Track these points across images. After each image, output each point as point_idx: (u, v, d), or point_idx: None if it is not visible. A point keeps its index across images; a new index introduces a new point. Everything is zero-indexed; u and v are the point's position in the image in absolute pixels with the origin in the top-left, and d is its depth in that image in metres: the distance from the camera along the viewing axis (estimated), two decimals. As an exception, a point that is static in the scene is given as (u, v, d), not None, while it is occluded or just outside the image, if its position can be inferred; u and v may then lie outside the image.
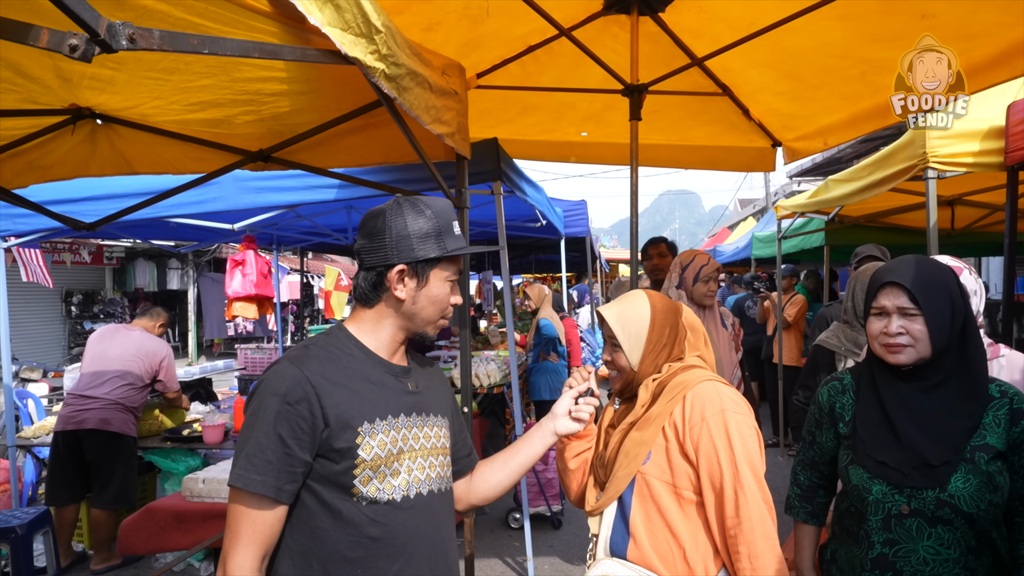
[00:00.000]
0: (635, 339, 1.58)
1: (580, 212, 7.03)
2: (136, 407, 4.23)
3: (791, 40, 2.80)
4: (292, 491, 1.24)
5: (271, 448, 1.21)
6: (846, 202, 4.42)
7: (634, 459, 1.49)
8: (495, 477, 1.60)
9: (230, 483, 1.22)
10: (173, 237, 6.22)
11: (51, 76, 2.18)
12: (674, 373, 1.56)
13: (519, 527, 4.68)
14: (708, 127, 3.85)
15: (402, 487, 1.32)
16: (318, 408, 1.24)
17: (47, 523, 3.47)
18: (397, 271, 1.34)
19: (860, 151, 14.83)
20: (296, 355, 1.30)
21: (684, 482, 1.45)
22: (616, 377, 1.63)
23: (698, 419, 1.44)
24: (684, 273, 3.09)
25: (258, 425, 1.22)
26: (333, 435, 1.25)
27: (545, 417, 1.64)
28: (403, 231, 1.34)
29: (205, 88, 2.28)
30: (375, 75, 1.58)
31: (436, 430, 1.44)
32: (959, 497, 1.44)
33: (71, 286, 13.37)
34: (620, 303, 1.63)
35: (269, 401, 1.23)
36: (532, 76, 3.33)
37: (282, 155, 2.70)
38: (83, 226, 3.08)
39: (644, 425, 1.52)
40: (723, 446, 1.40)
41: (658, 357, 1.59)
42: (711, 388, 1.48)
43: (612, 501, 1.53)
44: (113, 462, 4.08)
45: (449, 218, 1.40)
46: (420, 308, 1.38)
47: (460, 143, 2.32)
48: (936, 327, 1.50)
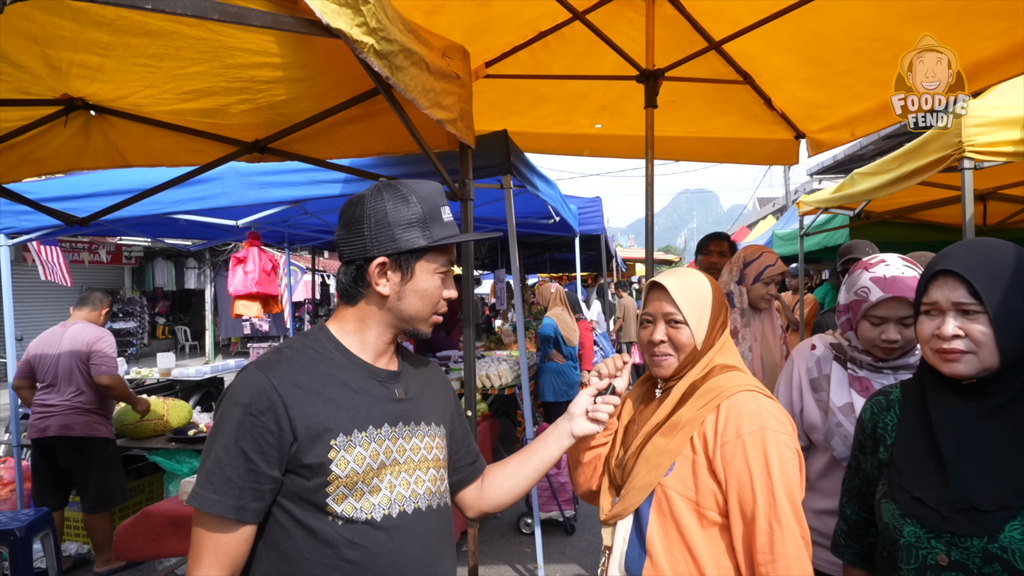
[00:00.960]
0: (700, 312, 1.40)
1: (595, 209, 6.88)
2: (96, 406, 4.01)
3: (817, 21, 2.63)
4: (258, 509, 1.13)
5: (231, 464, 1.10)
6: (873, 196, 4.21)
7: (655, 469, 1.34)
8: (508, 483, 1.48)
9: (186, 502, 1.11)
10: (182, 235, 6.18)
11: (39, 64, 2.12)
12: (709, 373, 1.39)
13: (530, 533, 4.54)
14: (728, 118, 3.68)
15: (383, 505, 1.19)
16: (286, 419, 1.12)
17: (48, 525, 3.41)
18: (378, 264, 1.22)
19: (883, 147, 14.52)
20: (266, 360, 1.18)
21: (709, 502, 1.29)
22: (667, 360, 1.41)
23: (733, 434, 1.27)
24: (746, 270, 2.78)
25: (219, 439, 1.12)
26: (303, 449, 1.12)
27: (561, 417, 1.50)
28: (383, 219, 1.21)
29: (198, 75, 2.20)
30: (363, 51, 1.45)
31: (428, 440, 1.31)
32: (1014, 552, 1.13)
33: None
34: (676, 275, 1.45)
35: (231, 412, 1.12)
36: (543, 64, 3.19)
37: (279, 146, 2.60)
38: (76, 221, 3.00)
39: (670, 431, 1.35)
40: (759, 470, 1.23)
41: (714, 340, 1.41)
42: (751, 400, 1.31)
43: (628, 513, 1.38)
44: (85, 466, 3.94)
45: (436, 203, 1.27)
46: (406, 304, 1.25)
47: (463, 130, 2.19)
48: (1006, 329, 1.17)
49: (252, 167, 3.36)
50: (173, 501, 2.93)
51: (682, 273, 1.47)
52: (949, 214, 4.99)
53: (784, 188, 21.94)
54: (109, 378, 3.95)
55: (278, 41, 1.97)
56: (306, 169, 3.40)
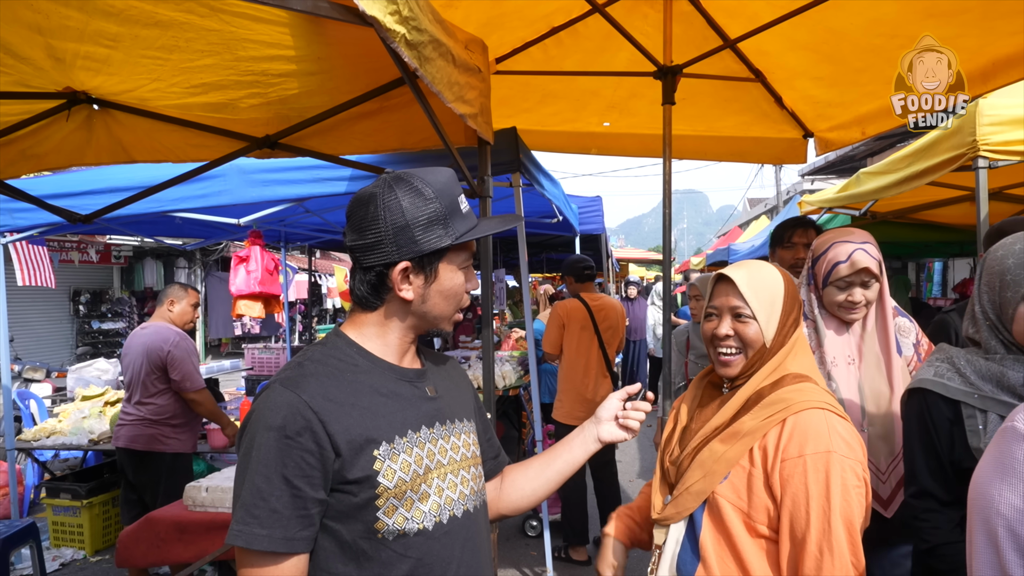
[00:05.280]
0: (771, 306, 1.31)
1: (595, 209, 6.84)
2: (167, 417, 3.63)
3: (836, 17, 2.60)
4: (309, 537, 1.04)
5: (275, 494, 1.01)
6: (881, 196, 4.20)
7: (711, 475, 1.29)
8: (529, 486, 1.40)
9: (228, 541, 1.02)
10: (179, 234, 6.07)
11: (43, 56, 2.05)
12: (780, 381, 1.31)
13: (537, 535, 4.50)
14: (738, 116, 3.65)
15: (433, 512, 1.12)
16: (324, 436, 1.03)
17: (31, 536, 3.31)
18: (400, 270, 1.13)
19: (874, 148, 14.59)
20: (290, 376, 1.09)
21: (761, 516, 1.24)
22: (735, 360, 1.34)
23: (795, 452, 1.20)
24: (814, 267, 1.97)
25: (254, 467, 1.02)
26: (347, 465, 1.05)
27: (589, 420, 1.44)
28: (400, 220, 1.11)
29: (207, 68, 2.14)
30: (395, 40, 1.40)
31: (464, 438, 1.25)
32: None
33: (79, 285, 13.31)
34: (745, 267, 1.38)
35: (263, 437, 1.02)
36: (555, 60, 3.15)
37: (290, 141, 2.53)
38: (78, 218, 2.92)
39: (730, 438, 1.29)
40: (818, 494, 1.16)
41: (784, 339, 1.33)
42: (821, 419, 1.22)
43: (682, 518, 1.33)
44: (154, 484, 3.59)
45: (454, 193, 1.17)
46: (432, 306, 1.17)
47: (483, 126, 2.13)
48: None
49: (255, 164, 3.30)
50: (177, 506, 2.85)
51: (751, 265, 1.40)
52: (953, 214, 4.98)
53: (775, 188, 22.04)
54: (194, 393, 3.64)
55: (293, 33, 1.91)
56: (311, 166, 3.34)
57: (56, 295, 12.34)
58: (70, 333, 13.18)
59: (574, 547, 4.25)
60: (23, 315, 11.51)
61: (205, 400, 3.71)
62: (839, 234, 1.92)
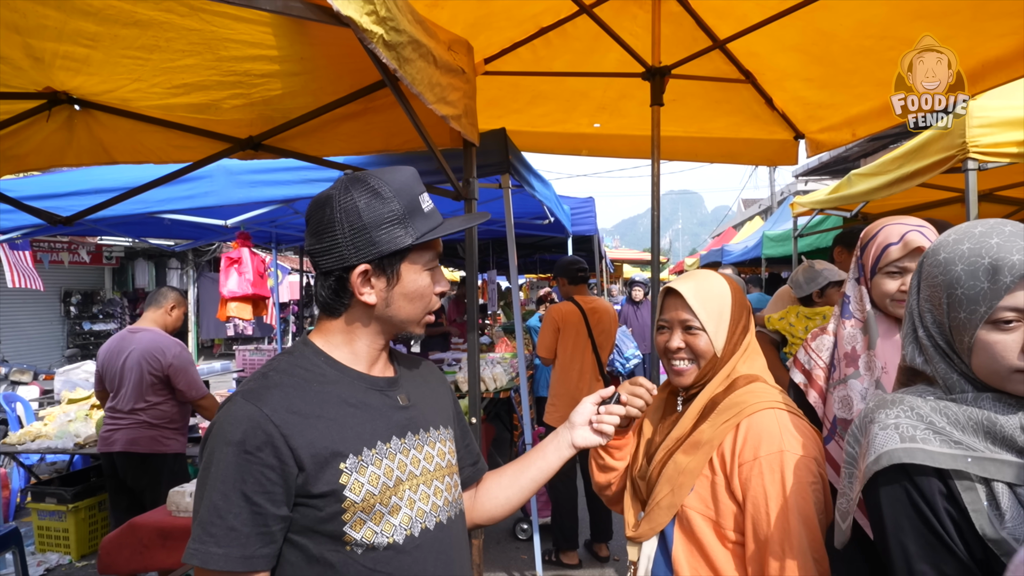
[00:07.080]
0: (719, 317, 1.33)
1: (588, 210, 6.84)
2: (166, 421, 3.60)
3: (826, 19, 2.59)
4: (270, 554, 1.01)
5: (232, 511, 0.98)
6: (872, 197, 4.20)
7: (678, 488, 1.29)
8: (503, 494, 1.38)
9: (184, 560, 0.99)
10: (167, 235, 6.02)
11: (21, 55, 2.02)
12: (731, 386, 1.32)
13: (527, 538, 4.47)
14: (728, 118, 3.64)
15: (404, 525, 1.09)
16: (286, 451, 1.00)
17: (14, 542, 3.27)
18: (360, 273, 1.10)
19: (868, 149, 14.63)
20: (252, 388, 1.05)
21: (729, 522, 1.23)
22: (688, 369, 1.36)
23: (750, 456, 1.21)
24: (863, 257, 1.71)
25: (212, 484, 0.99)
26: (311, 479, 1.02)
27: (562, 426, 1.41)
28: (357, 222, 1.08)
29: (189, 68, 2.11)
30: (372, 40, 1.37)
31: (440, 447, 1.22)
32: None
33: (70, 286, 13.21)
34: (692, 279, 1.39)
35: (222, 453, 0.99)
36: (544, 61, 3.12)
37: (273, 142, 2.50)
38: (59, 220, 2.88)
39: (691, 449, 1.30)
40: (775, 494, 1.17)
41: (735, 346, 1.35)
42: (771, 419, 1.24)
43: (654, 535, 1.32)
44: (155, 485, 3.51)
45: (414, 192, 1.13)
46: (397, 309, 1.14)
47: (467, 127, 2.11)
48: None
49: (242, 165, 3.26)
50: (161, 512, 2.81)
51: (698, 277, 1.41)
52: (944, 215, 4.98)
53: (769, 189, 22.09)
54: (202, 399, 3.67)
55: (275, 32, 1.88)
56: (298, 167, 3.30)
57: (46, 296, 12.25)
58: (60, 334, 13.08)
59: (564, 551, 4.22)
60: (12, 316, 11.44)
61: (212, 404, 3.73)
62: (891, 218, 1.70)
